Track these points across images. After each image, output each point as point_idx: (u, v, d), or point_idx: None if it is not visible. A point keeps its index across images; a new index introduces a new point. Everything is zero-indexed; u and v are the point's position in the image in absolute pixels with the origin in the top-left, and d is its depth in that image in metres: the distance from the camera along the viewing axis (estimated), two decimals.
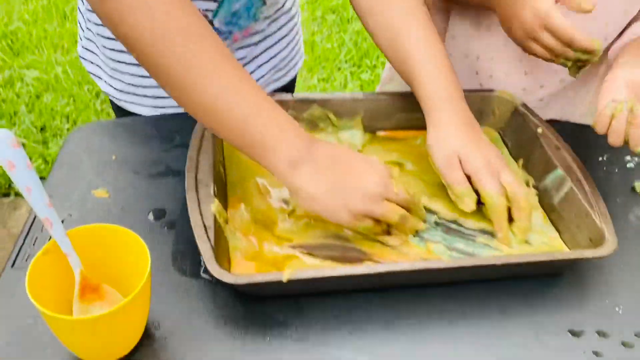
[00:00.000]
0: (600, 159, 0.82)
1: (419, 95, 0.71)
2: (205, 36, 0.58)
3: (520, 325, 0.60)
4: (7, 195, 1.86)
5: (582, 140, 0.84)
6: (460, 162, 0.67)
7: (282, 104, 0.76)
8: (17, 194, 1.86)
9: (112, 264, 0.54)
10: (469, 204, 0.67)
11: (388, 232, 0.65)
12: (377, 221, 0.62)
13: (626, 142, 0.67)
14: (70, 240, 0.51)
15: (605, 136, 0.68)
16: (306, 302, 0.59)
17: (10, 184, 1.86)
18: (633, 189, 0.78)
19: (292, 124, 0.62)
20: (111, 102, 0.90)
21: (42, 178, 0.51)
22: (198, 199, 0.62)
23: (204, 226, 0.59)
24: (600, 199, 0.66)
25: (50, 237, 0.51)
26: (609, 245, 0.60)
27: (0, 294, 0.58)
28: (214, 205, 0.61)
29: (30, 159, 1.85)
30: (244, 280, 0.54)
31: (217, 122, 0.60)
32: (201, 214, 0.60)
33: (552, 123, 0.78)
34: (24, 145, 1.95)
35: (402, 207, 0.63)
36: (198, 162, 0.66)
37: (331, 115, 0.79)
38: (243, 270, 0.61)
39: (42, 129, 2.04)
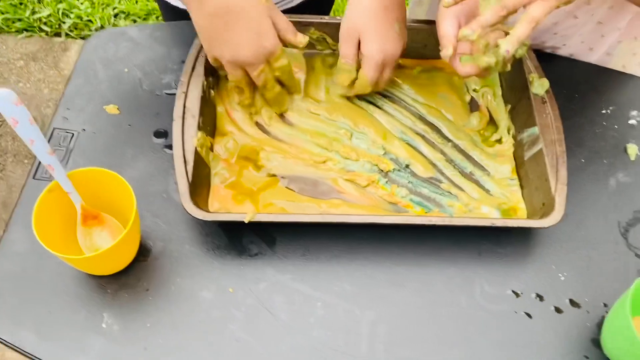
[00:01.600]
0: (603, 111, 0.82)
1: None
2: None
3: (466, 277, 0.68)
4: (57, 35, 1.95)
5: (592, 85, 0.84)
6: (360, 42, 0.70)
7: None
8: (68, 35, 1.95)
9: (107, 197, 0.64)
10: (343, 80, 0.73)
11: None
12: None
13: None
14: (71, 180, 0.60)
15: (615, 88, 0.69)
16: (278, 234, 0.69)
17: (60, 23, 1.94)
18: (625, 150, 0.79)
19: None
20: (158, 2, 0.95)
21: (88, 21, 0.59)
22: (183, 130, 0.69)
23: (184, 159, 0.67)
24: (564, 166, 0.69)
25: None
26: (553, 216, 0.65)
27: (22, 204, 0.69)
28: (197, 139, 0.68)
29: None
30: (211, 218, 0.64)
31: None
32: (183, 147, 0.68)
33: (566, 62, 0.77)
34: None
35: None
36: (188, 88, 0.72)
37: (328, 39, 0.81)
38: (220, 199, 0.70)
39: None
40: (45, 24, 1.94)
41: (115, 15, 1.96)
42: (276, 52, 0.68)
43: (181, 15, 0.89)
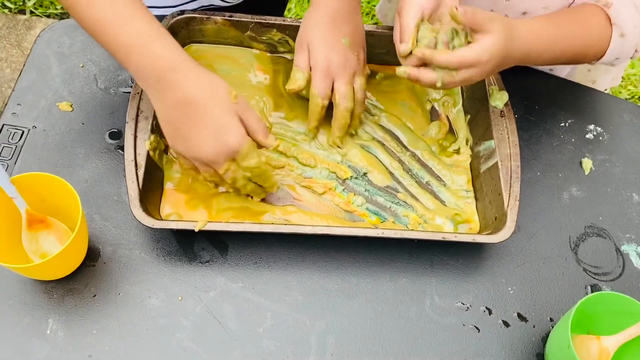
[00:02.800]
0: (562, 124, 0.83)
1: None
2: None
3: (417, 288, 0.68)
4: (22, 12, 1.89)
5: (552, 98, 0.85)
6: (310, 51, 0.71)
7: (242, 25, 0.78)
8: (32, 12, 1.89)
9: (53, 201, 0.62)
10: (293, 83, 0.72)
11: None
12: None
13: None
14: (15, 184, 0.59)
15: (575, 102, 0.70)
16: (231, 241, 0.69)
17: (24, 0, 1.88)
18: (580, 164, 0.80)
19: (146, 46, 0.60)
20: None
21: None
22: (135, 133, 0.67)
23: (136, 163, 0.65)
24: (518, 181, 0.69)
25: None
26: (503, 233, 0.66)
27: None
28: (149, 142, 0.67)
29: None
30: (160, 226, 0.63)
31: (83, 20, 0.62)
32: (135, 150, 0.66)
33: (529, 72, 0.78)
34: None
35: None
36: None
37: (291, 41, 0.80)
38: (172, 203, 0.69)
39: None
40: (8, 0, 1.88)
41: None
42: (242, 151, 0.62)
43: None
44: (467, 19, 0.62)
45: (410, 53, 0.64)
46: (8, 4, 1.87)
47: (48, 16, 1.88)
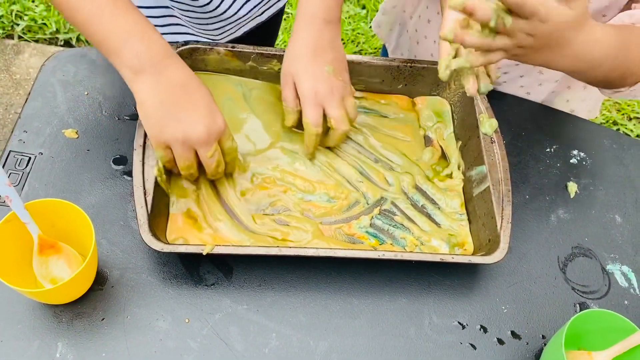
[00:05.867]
0: (547, 149, 0.87)
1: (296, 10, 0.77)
2: None
3: (415, 308, 0.71)
4: (10, 37, 1.90)
5: (537, 124, 0.89)
6: (295, 83, 0.74)
7: (244, 55, 0.81)
8: (21, 37, 1.90)
9: (63, 226, 0.64)
10: (287, 120, 0.77)
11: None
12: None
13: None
14: (28, 210, 0.60)
15: (559, 129, 0.72)
16: (235, 264, 0.71)
17: (13, 25, 1.89)
18: (566, 187, 0.84)
19: (145, 33, 0.65)
20: None
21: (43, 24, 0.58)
22: (143, 160, 0.70)
23: (144, 189, 0.67)
24: (510, 205, 0.73)
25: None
26: (497, 254, 0.69)
27: None
28: (157, 169, 0.69)
29: (33, 1, 1.85)
30: (169, 249, 0.65)
31: (72, 17, 0.66)
32: (143, 175, 0.68)
33: (515, 100, 0.81)
34: None
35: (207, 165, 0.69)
36: None
37: None
38: (178, 228, 0.71)
39: None
40: None
41: None
42: (226, 131, 0.68)
43: None
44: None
45: None
46: None
47: (36, 41, 1.89)
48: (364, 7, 2.13)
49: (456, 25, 0.59)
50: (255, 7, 0.92)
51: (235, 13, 0.89)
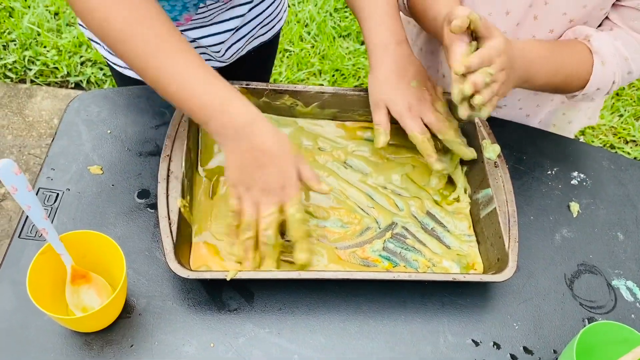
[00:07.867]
0: (549, 172, 0.91)
1: (365, 43, 0.83)
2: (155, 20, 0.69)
3: (431, 328, 0.73)
4: (22, 81, 1.96)
5: (538, 148, 0.93)
6: (388, 107, 0.81)
7: (258, 92, 0.85)
8: (33, 82, 1.96)
9: (94, 256, 0.67)
10: (378, 142, 0.82)
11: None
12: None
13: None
14: (63, 242, 0.64)
15: (559, 152, 0.80)
16: (256, 289, 0.74)
17: (26, 70, 1.96)
18: (568, 207, 0.87)
19: (231, 103, 0.69)
20: (111, 68, 0.98)
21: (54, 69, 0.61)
22: (167, 192, 0.73)
23: (169, 219, 0.71)
24: (516, 225, 0.76)
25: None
26: (507, 272, 0.72)
27: (8, 262, 0.72)
28: (180, 200, 0.73)
29: (45, 47, 1.93)
30: (194, 276, 0.68)
31: (166, 92, 0.70)
32: (168, 207, 0.72)
33: (515, 126, 0.86)
34: (38, 34, 2.01)
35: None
36: (172, 151, 0.77)
37: (301, 105, 0.88)
38: (200, 256, 0.74)
39: (56, 15, 2.08)
40: (10, 70, 1.95)
41: (82, 63, 1.99)
42: (293, 197, 0.70)
43: (133, 82, 0.95)
44: (482, 22, 0.68)
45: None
46: (10, 74, 1.94)
47: (48, 84, 1.96)
48: (362, 43, 2.21)
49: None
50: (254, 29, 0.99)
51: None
